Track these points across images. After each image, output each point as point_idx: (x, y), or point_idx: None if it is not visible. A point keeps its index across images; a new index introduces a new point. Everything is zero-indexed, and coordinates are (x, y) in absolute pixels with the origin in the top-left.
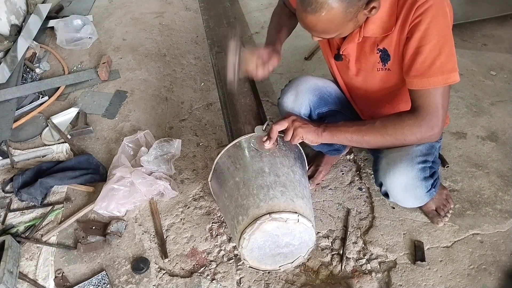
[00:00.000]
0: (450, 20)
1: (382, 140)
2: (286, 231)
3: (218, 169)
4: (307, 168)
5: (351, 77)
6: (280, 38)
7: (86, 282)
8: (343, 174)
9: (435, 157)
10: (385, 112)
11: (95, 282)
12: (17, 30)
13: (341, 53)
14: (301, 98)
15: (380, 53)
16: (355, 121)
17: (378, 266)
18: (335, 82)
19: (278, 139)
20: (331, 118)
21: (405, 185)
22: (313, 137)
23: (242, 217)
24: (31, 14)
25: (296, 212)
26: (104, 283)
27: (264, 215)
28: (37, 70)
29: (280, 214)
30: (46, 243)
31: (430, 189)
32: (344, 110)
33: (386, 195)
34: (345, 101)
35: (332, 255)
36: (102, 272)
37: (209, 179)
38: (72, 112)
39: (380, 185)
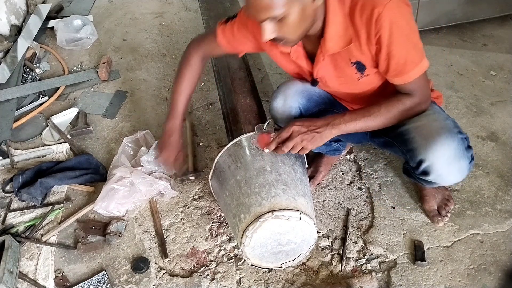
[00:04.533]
0: (409, 13)
1: (388, 123)
2: (288, 229)
3: (219, 168)
4: (306, 167)
5: (336, 89)
6: (185, 109)
7: (86, 281)
8: (343, 174)
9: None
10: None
11: (95, 282)
12: (17, 30)
13: (315, 78)
14: (290, 102)
15: (355, 65)
16: (360, 111)
17: (378, 266)
18: None
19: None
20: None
21: (448, 157)
22: (320, 142)
23: (244, 215)
24: (31, 14)
25: (298, 210)
26: (104, 283)
27: (266, 213)
28: (37, 70)
29: (282, 212)
30: (46, 243)
31: (471, 161)
32: (334, 108)
33: (424, 173)
34: (334, 100)
35: (332, 255)
36: (102, 272)
37: (209, 178)
38: (72, 112)
39: (419, 163)
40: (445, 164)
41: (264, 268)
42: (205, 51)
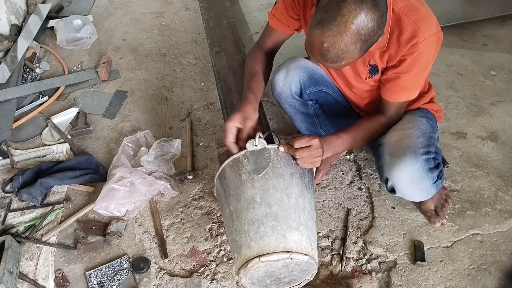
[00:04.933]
0: (436, 52)
1: (372, 139)
2: (281, 267)
3: (217, 191)
4: (314, 174)
5: (340, 76)
6: (256, 93)
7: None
8: (343, 174)
9: (436, 148)
10: (375, 95)
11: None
12: (17, 30)
13: None
14: (291, 75)
15: (370, 67)
16: (350, 132)
17: (378, 266)
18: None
19: (272, 152)
20: (322, 100)
21: (411, 178)
22: (318, 165)
23: (236, 255)
24: (31, 14)
25: (288, 251)
26: (125, 268)
27: (254, 258)
28: (37, 70)
29: (270, 256)
30: (46, 243)
31: (436, 180)
32: (334, 94)
33: (392, 190)
34: (335, 86)
35: (332, 255)
36: (123, 256)
37: (215, 194)
38: (72, 112)
39: (386, 180)
40: (407, 184)
41: None
42: (265, 44)
